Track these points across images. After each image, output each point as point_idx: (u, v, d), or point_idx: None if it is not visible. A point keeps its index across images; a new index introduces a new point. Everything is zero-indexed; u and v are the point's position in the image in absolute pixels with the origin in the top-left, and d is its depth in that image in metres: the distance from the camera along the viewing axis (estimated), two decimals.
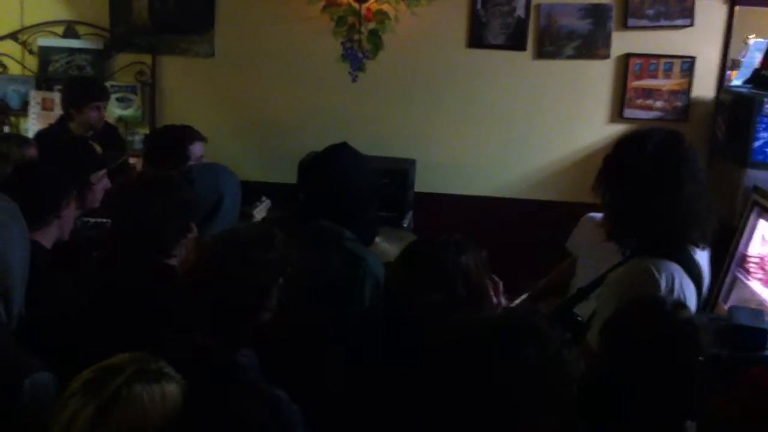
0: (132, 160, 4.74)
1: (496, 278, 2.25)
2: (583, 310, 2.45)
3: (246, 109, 5.15)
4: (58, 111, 4.70)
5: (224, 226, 2.80)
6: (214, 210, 2.93)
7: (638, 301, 2.03)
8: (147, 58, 5.11)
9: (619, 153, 2.27)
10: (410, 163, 4.88)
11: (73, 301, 2.31)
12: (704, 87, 4.87)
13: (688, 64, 4.85)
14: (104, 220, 3.31)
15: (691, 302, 2.17)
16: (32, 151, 3.41)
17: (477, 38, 4.95)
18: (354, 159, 2.63)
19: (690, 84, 4.86)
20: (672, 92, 4.88)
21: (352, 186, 2.55)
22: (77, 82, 4.58)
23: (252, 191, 3.79)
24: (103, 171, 3.10)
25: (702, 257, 2.27)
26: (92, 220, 3.20)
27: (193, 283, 1.97)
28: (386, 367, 2.01)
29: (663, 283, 2.12)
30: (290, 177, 4.63)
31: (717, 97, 4.83)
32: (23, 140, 3.83)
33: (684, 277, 2.18)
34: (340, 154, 2.63)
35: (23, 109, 5.09)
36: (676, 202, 2.16)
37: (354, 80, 4.95)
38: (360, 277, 2.38)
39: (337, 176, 2.54)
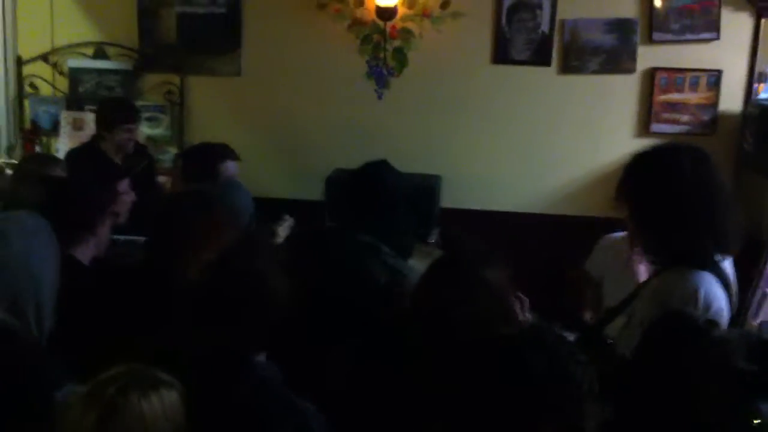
0: (161, 179, 4.80)
1: (522, 295, 2.26)
2: (612, 330, 2.44)
3: (272, 126, 5.20)
4: (89, 131, 4.79)
5: None
6: None
7: (669, 319, 2.02)
8: (175, 78, 5.18)
9: (648, 168, 2.27)
10: (436, 179, 4.89)
11: (111, 316, 2.34)
12: (731, 100, 4.83)
13: (715, 78, 4.82)
14: (134, 238, 3.35)
15: (724, 311, 2.17)
16: (59, 171, 3.47)
17: (502, 54, 4.97)
18: (394, 176, 2.68)
19: (717, 97, 4.83)
20: (699, 106, 4.86)
21: (392, 202, 2.59)
22: (110, 104, 4.64)
23: (276, 208, 3.82)
24: (127, 180, 3.14)
25: (726, 265, 2.27)
26: (122, 237, 3.24)
27: (205, 286, 1.98)
28: (388, 367, 2.03)
29: (700, 294, 2.12)
30: (315, 194, 4.67)
31: (744, 111, 4.79)
32: (50, 159, 3.90)
33: (717, 287, 2.17)
34: (380, 170, 2.67)
35: (54, 130, 5.17)
36: (708, 213, 2.17)
37: (380, 97, 4.98)
38: (401, 292, 2.40)
39: (378, 193, 2.58)
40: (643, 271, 2.50)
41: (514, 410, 1.64)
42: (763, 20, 4.73)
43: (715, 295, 2.15)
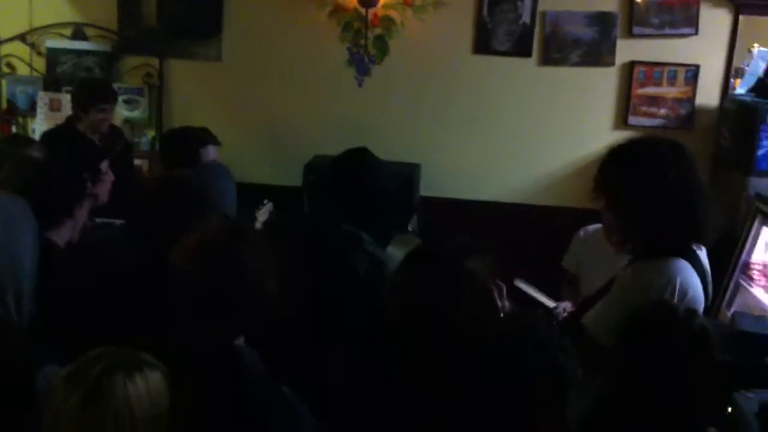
0: (138, 162, 4.77)
1: (500, 282, 2.28)
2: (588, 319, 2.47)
3: (252, 112, 5.18)
4: (66, 111, 4.73)
5: None
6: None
7: (651, 309, 2.04)
8: (154, 61, 5.14)
9: (624, 160, 2.29)
10: (415, 168, 4.91)
11: (88, 298, 2.33)
12: (708, 95, 4.88)
13: (693, 73, 4.86)
14: (111, 221, 3.34)
15: (700, 299, 2.21)
16: (35, 152, 3.43)
17: (483, 44, 4.98)
18: (375, 164, 2.68)
19: (694, 92, 4.88)
20: (676, 100, 4.90)
21: (373, 191, 2.58)
22: (86, 84, 4.59)
23: (256, 194, 3.82)
24: (107, 162, 3.12)
25: (702, 255, 2.30)
26: (99, 220, 3.22)
27: (187, 273, 1.97)
28: (386, 367, 2.03)
29: (677, 282, 2.15)
30: (295, 180, 4.67)
31: (721, 106, 4.84)
32: (27, 141, 3.86)
33: (692, 274, 2.21)
34: (361, 159, 2.66)
35: (31, 110, 5.12)
36: (684, 203, 2.20)
37: (360, 85, 4.97)
38: (382, 280, 2.40)
39: (360, 181, 2.58)
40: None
41: (510, 407, 1.66)
42: (741, 16, 4.78)
43: (691, 282, 2.18)
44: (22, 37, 5.12)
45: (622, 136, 4.61)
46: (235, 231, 2.06)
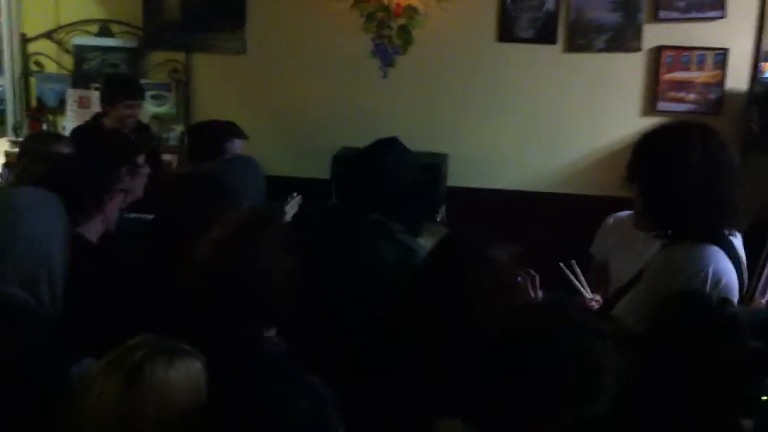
0: (166, 157, 4.80)
1: (533, 272, 2.27)
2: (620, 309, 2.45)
3: (277, 105, 5.19)
4: (94, 108, 4.79)
5: None
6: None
7: (681, 297, 2.02)
8: (180, 56, 5.17)
9: (659, 146, 2.27)
10: (442, 158, 4.90)
11: (117, 291, 2.35)
12: (738, 79, 4.82)
13: (721, 56, 4.80)
14: (142, 216, 3.36)
15: (734, 285, 2.18)
16: (66, 148, 3.46)
17: (507, 32, 4.95)
18: (404, 153, 2.69)
19: (723, 76, 4.82)
20: (705, 84, 4.85)
21: (403, 180, 2.60)
22: (112, 80, 4.63)
23: (283, 186, 3.83)
24: (143, 156, 3.14)
25: (737, 242, 2.28)
26: (132, 215, 3.24)
27: (210, 266, 1.98)
28: (412, 354, 2.04)
29: (709, 269, 2.12)
30: (321, 172, 4.68)
31: (751, 90, 4.78)
32: (57, 137, 3.89)
33: (725, 260, 2.18)
34: (390, 148, 2.68)
35: (60, 107, 5.18)
36: (718, 190, 2.18)
37: (384, 76, 4.97)
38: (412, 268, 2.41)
39: (389, 170, 2.59)
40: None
41: (542, 392, 1.65)
42: None
43: (724, 269, 2.15)
44: (48, 35, 5.18)
45: (650, 122, 4.59)
46: (260, 222, 2.07)
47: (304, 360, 1.93)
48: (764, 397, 1.97)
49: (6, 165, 4.42)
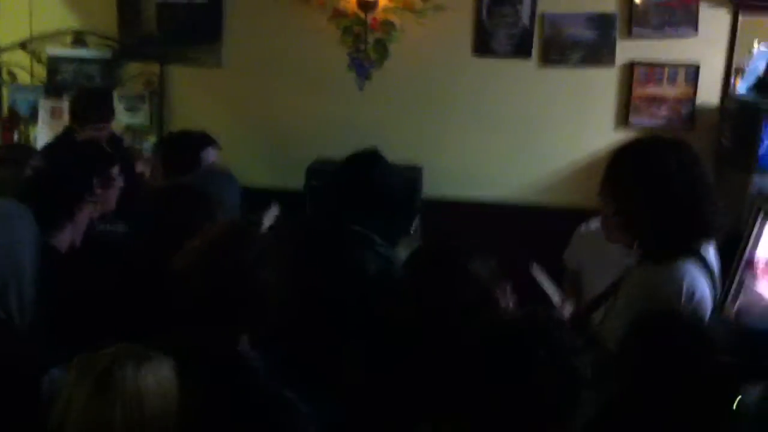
0: (139, 168, 4.77)
1: (504, 281, 2.27)
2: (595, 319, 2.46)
3: (253, 117, 5.18)
4: (67, 119, 4.72)
5: None
6: None
7: (653, 315, 2.04)
8: (155, 68, 5.14)
9: (632, 161, 2.29)
10: (417, 170, 4.90)
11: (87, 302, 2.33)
12: (709, 94, 4.87)
13: (693, 72, 4.86)
14: (113, 227, 3.33)
15: (708, 299, 2.21)
16: (37, 160, 3.43)
17: (482, 46, 4.98)
18: (387, 167, 2.70)
19: (695, 91, 4.87)
20: (677, 100, 4.90)
21: (385, 193, 2.60)
22: (82, 100, 4.51)
23: (259, 198, 3.81)
24: (118, 166, 3.12)
25: (710, 252, 2.30)
26: (102, 226, 3.21)
27: (191, 275, 1.97)
28: (393, 365, 2.03)
29: (684, 284, 2.14)
30: (296, 183, 4.67)
31: (722, 105, 4.83)
32: (27, 151, 3.86)
33: (700, 276, 2.20)
34: (373, 162, 2.68)
35: (33, 117, 5.13)
36: (691, 203, 2.20)
37: (360, 89, 4.98)
38: (393, 280, 2.41)
39: (372, 184, 2.60)
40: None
41: (518, 406, 1.65)
42: (740, 16, 4.78)
43: (698, 284, 2.17)
44: (22, 45, 5.13)
45: (623, 136, 4.65)
46: (237, 233, 2.06)
47: (281, 374, 1.92)
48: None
49: None
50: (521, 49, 4.95)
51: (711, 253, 2.30)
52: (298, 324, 2.06)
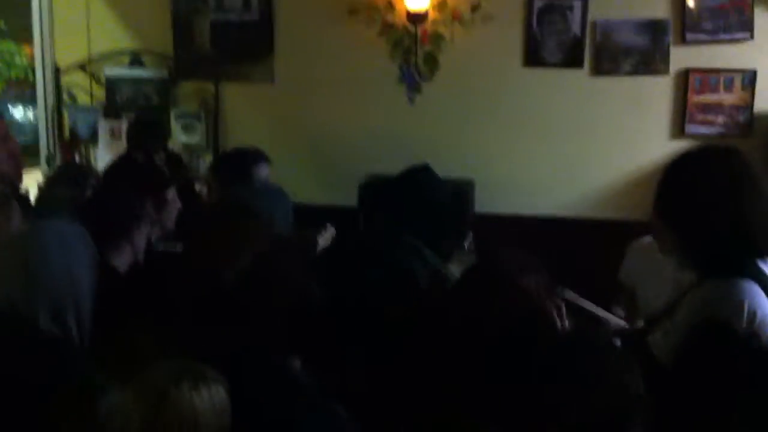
0: (197, 188, 4.85)
1: (559, 300, 2.25)
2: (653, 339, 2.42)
3: (305, 133, 5.24)
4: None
5: None
6: None
7: (710, 331, 2.00)
8: (210, 86, 5.23)
9: (681, 178, 2.25)
10: (469, 184, 4.89)
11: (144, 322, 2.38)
12: (767, 100, 4.78)
13: (750, 78, 4.77)
14: (173, 249, 3.39)
15: None
16: (95, 180, 3.53)
17: (533, 57, 4.96)
18: (437, 182, 2.73)
19: (752, 98, 4.79)
20: (734, 107, 4.81)
21: (436, 208, 2.63)
22: (137, 126, 4.63)
23: (311, 214, 3.85)
24: (174, 188, 3.18)
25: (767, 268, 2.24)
26: (162, 246, 3.27)
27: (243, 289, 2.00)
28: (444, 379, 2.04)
29: (745, 305, 2.10)
30: (349, 200, 4.70)
31: None
32: (84, 172, 3.96)
33: (761, 295, 2.15)
34: (423, 177, 2.71)
35: (93, 138, 5.26)
36: (748, 219, 2.15)
37: (411, 102, 5.00)
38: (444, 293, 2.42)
39: (423, 200, 2.63)
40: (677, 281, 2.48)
41: (572, 424, 1.64)
42: None
43: (759, 303, 2.12)
44: (81, 66, 5.27)
45: (679, 145, 4.58)
46: (287, 252, 2.10)
47: (323, 385, 1.94)
48: None
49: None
50: (572, 59, 4.92)
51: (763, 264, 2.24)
52: (340, 335, 2.07)
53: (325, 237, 3.54)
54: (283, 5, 5.14)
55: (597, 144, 4.97)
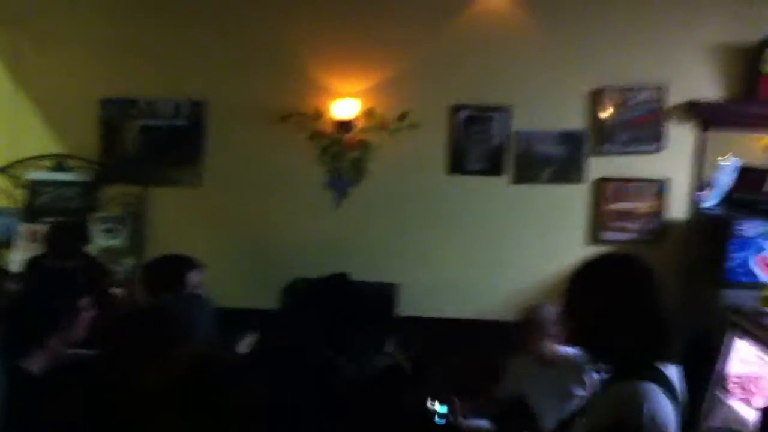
0: (116, 290, 4.76)
1: (454, 398, 2.28)
2: None
3: (232, 236, 5.23)
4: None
5: None
6: None
7: None
8: (134, 189, 5.21)
9: (580, 279, 2.33)
10: (393, 287, 4.92)
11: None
12: (678, 209, 4.99)
13: (661, 187, 4.99)
14: (84, 353, 3.30)
15: (669, 421, 2.20)
16: (13, 285, 3.46)
17: (457, 164, 5.10)
18: (355, 290, 2.76)
19: (663, 206, 4.99)
20: (646, 214, 5.01)
21: (355, 314, 2.66)
22: (54, 233, 4.60)
23: (237, 318, 3.81)
24: (88, 297, 3.12)
25: (671, 371, 2.30)
26: (72, 351, 3.19)
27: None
28: None
29: (645, 408, 2.14)
30: (274, 302, 4.66)
31: (690, 219, 4.94)
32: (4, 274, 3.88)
33: (661, 397, 2.20)
34: (341, 285, 2.75)
35: (8, 242, 5.13)
36: (649, 323, 2.22)
37: (337, 207, 5.07)
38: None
39: (341, 307, 2.67)
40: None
41: None
42: (706, 132, 4.92)
43: (659, 405, 2.17)
44: (3, 170, 5.20)
45: (594, 251, 4.70)
46: (206, 358, 2.07)
47: None
48: None
49: None
50: (494, 167, 5.07)
51: (673, 372, 2.31)
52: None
53: (245, 343, 3.52)
54: (213, 111, 5.20)
55: (518, 249, 5.09)
